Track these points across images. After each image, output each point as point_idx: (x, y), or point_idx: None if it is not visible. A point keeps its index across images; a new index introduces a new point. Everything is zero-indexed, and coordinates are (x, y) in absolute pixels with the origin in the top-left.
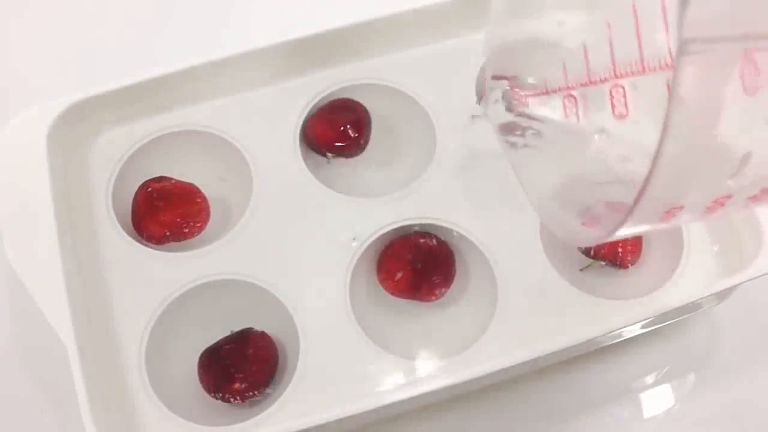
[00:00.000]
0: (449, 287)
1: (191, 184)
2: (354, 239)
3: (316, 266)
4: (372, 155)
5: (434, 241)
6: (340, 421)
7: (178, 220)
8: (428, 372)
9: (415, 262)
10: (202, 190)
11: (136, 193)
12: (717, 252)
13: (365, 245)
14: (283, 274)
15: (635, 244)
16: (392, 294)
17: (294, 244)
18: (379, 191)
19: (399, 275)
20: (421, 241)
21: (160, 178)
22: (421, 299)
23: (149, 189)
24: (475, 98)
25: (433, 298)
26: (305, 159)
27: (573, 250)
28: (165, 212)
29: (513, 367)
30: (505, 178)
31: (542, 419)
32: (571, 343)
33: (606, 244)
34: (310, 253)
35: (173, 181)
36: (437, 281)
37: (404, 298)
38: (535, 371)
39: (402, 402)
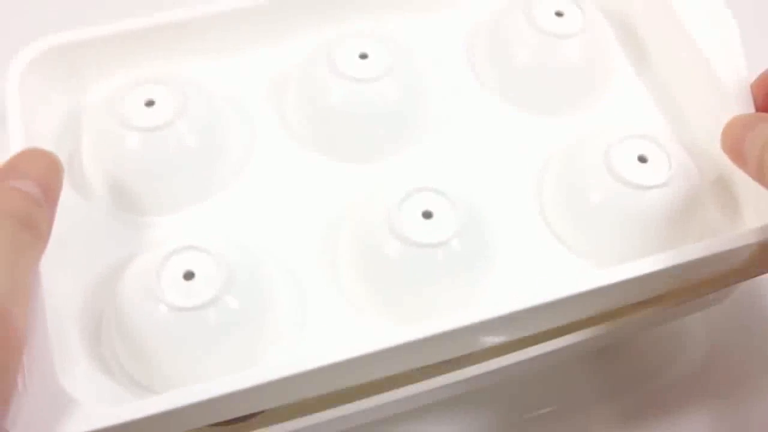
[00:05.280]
0: None
1: None
2: None
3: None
4: None
5: None
6: (339, 420)
7: None
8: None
9: None
10: None
11: None
12: None
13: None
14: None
15: None
16: None
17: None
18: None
19: None
20: None
21: None
22: None
23: None
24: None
25: None
26: None
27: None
28: None
29: (513, 366)
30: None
31: (541, 419)
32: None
33: None
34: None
35: None
36: None
37: None
38: (534, 371)
39: (402, 402)
